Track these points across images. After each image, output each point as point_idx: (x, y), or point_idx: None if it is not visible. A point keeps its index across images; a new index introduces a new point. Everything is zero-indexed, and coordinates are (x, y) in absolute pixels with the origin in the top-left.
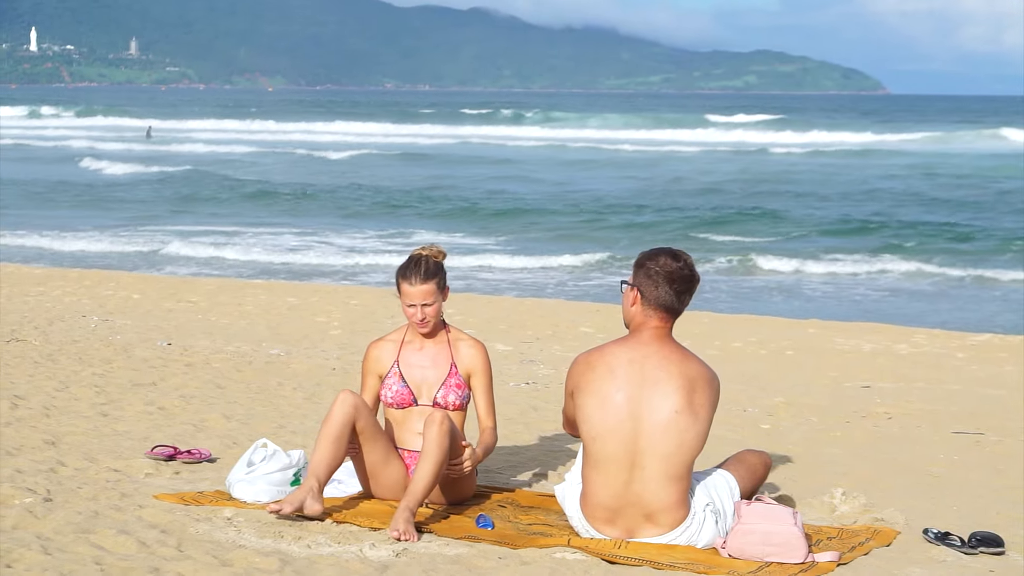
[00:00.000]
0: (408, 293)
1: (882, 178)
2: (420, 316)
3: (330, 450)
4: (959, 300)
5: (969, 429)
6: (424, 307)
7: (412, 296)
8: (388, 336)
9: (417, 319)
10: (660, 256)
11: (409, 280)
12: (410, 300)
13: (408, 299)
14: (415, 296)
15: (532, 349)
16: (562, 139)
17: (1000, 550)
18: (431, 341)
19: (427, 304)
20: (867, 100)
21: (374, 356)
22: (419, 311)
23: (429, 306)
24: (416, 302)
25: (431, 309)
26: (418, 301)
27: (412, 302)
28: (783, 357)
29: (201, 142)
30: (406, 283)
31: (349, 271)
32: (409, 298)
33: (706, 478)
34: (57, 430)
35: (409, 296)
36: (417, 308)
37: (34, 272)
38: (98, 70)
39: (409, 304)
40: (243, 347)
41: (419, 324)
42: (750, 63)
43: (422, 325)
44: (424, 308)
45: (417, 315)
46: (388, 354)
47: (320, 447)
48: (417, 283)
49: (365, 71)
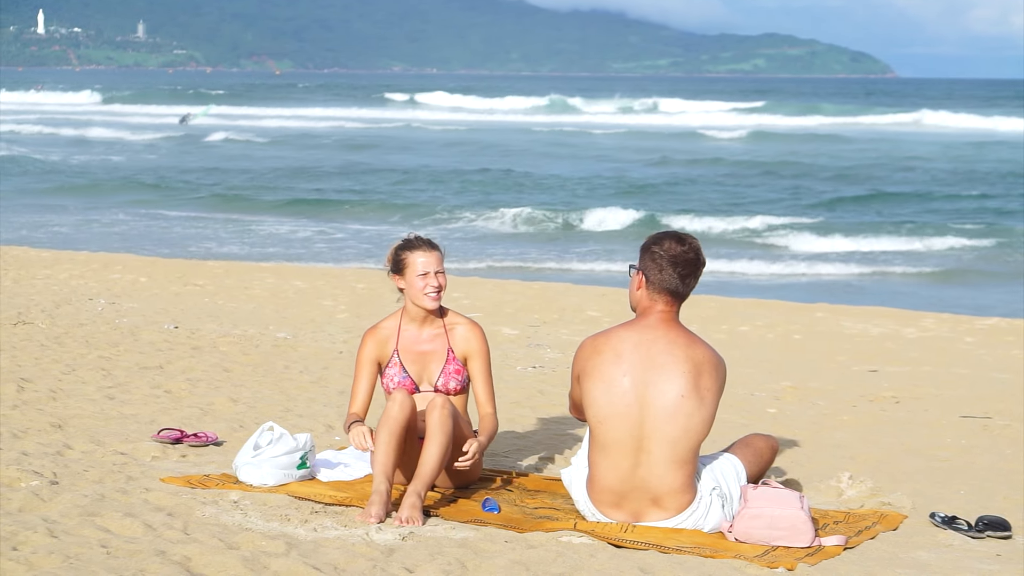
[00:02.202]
0: (423, 262)
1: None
2: (435, 284)
3: (395, 450)
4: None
5: (976, 413)
6: (438, 274)
7: (428, 263)
8: (383, 324)
9: (432, 287)
10: (665, 240)
11: (421, 248)
12: (425, 268)
13: (423, 267)
14: (431, 263)
15: (539, 333)
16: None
17: (1007, 534)
18: (428, 327)
19: (440, 271)
20: (884, 83)
21: (373, 344)
22: (433, 278)
23: (442, 273)
24: (431, 269)
25: (444, 277)
26: (433, 268)
27: (427, 269)
28: (791, 341)
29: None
30: (419, 252)
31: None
32: (424, 266)
33: (712, 462)
34: (63, 413)
35: (425, 264)
36: (431, 275)
37: (41, 255)
38: (105, 53)
39: (422, 273)
40: (250, 330)
41: (434, 295)
42: (758, 46)
43: (437, 296)
44: (439, 275)
45: (432, 283)
46: (388, 343)
47: (384, 448)
48: (430, 249)
49: (373, 55)
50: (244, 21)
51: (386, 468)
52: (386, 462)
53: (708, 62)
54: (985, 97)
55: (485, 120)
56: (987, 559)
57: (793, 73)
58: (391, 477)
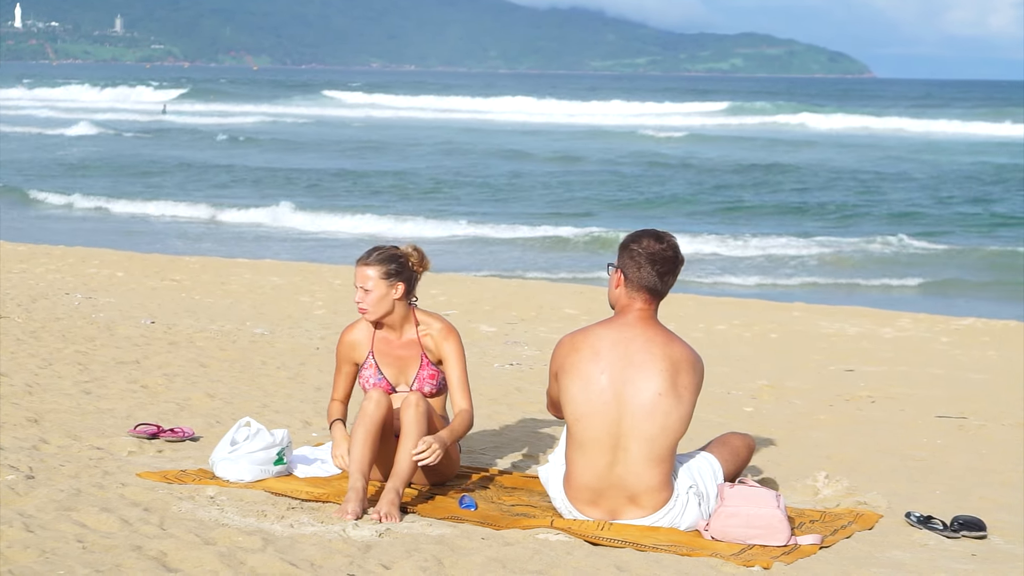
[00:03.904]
0: (354, 273)
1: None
2: (357, 297)
3: (371, 448)
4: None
5: (952, 413)
6: (363, 290)
7: (356, 278)
8: (359, 324)
9: (355, 299)
10: (644, 238)
11: (358, 260)
12: (355, 283)
13: (355, 282)
14: (355, 276)
15: (516, 330)
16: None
17: (982, 534)
18: (402, 332)
19: (365, 288)
20: (857, 84)
21: (350, 343)
22: (357, 292)
23: (367, 291)
24: (356, 283)
25: (369, 296)
26: (357, 283)
27: (354, 282)
28: (767, 340)
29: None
30: (356, 266)
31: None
32: (355, 280)
33: (689, 460)
34: (40, 407)
35: (355, 278)
36: (357, 289)
37: (17, 249)
38: (83, 47)
39: (355, 284)
40: (227, 326)
41: (358, 306)
42: (736, 45)
43: (360, 309)
44: (363, 291)
45: (356, 295)
46: (363, 343)
47: (360, 446)
48: (359, 264)
49: (351, 51)
50: (222, 16)
51: (362, 465)
52: (362, 459)
53: (686, 60)
54: (949, 98)
55: (385, 117)
56: (962, 559)
57: (771, 73)
58: (367, 474)
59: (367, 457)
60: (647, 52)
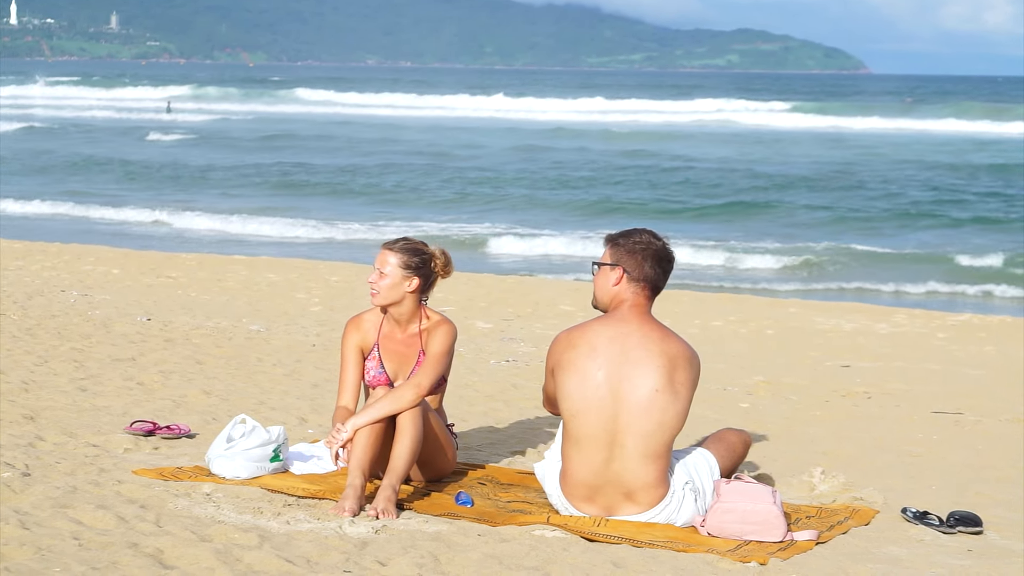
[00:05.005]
0: (377, 254)
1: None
2: (371, 278)
3: (373, 446)
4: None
5: (948, 409)
6: (380, 272)
7: (376, 257)
8: (366, 315)
9: (368, 279)
10: (639, 234)
11: (384, 244)
12: (375, 261)
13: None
14: (377, 258)
15: (512, 327)
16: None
17: (978, 529)
18: (406, 327)
19: (382, 271)
20: (852, 80)
21: (356, 333)
22: (373, 272)
23: (383, 275)
24: (375, 264)
25: (383, 280)
26: (376, 264)
27: (375, 263)
28: (763, 336)
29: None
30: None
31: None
32: (375, 259)
33: (686, 456)
34: (36, 405)
35: (376, 257)
36: (374, 270)
37: (13, 246)
38: (79, 44)
39: (375, 264)
40: (223, 323)
41: (370, 286)
42: (732, 41)
43: (371, 291)
44: (379, 273)
45: (371, 275)
46: (370, 333)
47: (360, 443)
48: (384, 247)
49: (347, 47)
50: (218, 13)
51: (361, 463)
52: (362, 457)
53: (682, 57)
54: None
55: (348, 113)
56: (958, 554)
57: (767, 69)
58: (366, 472)
59: (368, 455)
60: (643, 48)
